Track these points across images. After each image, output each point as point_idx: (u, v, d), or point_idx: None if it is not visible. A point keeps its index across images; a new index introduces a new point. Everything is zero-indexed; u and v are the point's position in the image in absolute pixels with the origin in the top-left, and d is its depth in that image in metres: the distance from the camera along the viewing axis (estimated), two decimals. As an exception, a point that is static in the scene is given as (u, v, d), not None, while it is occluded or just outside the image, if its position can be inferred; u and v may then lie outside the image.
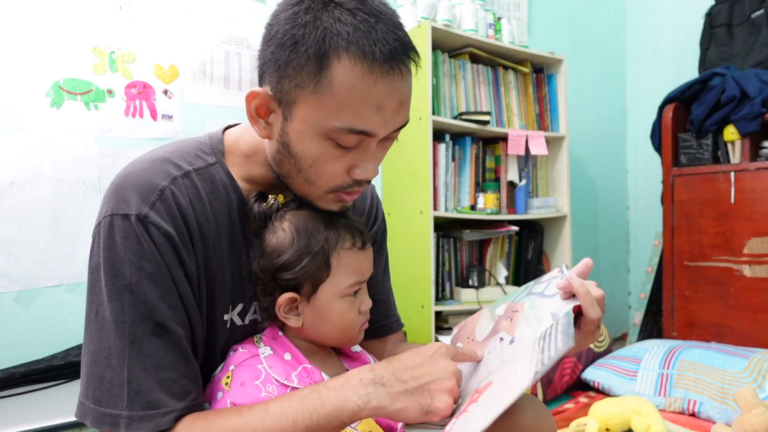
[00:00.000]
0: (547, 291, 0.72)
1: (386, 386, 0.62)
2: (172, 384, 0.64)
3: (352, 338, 0.78)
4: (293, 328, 0.76)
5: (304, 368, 0.72)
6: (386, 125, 0.65)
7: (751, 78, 2.01)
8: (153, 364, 0.63)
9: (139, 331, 0.63)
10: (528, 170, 2.34)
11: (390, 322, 0.94)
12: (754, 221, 1.98)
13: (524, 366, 0.59)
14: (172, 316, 0.65)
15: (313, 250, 0.71)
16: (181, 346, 0.66)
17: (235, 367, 0.71)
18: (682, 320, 2.19)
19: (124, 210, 0.65)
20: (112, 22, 1.69)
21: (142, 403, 0.62)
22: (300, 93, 0.63)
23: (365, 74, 0.61)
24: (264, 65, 0.67)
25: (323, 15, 0.61)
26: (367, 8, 0.62)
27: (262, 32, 0.67)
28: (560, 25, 2.79)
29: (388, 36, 0.61)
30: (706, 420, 1.59)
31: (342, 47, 0.60)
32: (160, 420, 0.62)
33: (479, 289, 2.11)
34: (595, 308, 0.66)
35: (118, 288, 0.63)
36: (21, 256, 1.55)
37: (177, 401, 0.64)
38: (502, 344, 0.70)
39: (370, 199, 0.92)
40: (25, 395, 1.38)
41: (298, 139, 0.65)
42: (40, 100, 1.58)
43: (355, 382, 0.63)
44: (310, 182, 0.69)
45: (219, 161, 0.73)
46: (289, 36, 0.62)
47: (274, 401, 0.64)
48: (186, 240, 0.67)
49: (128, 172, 0.68)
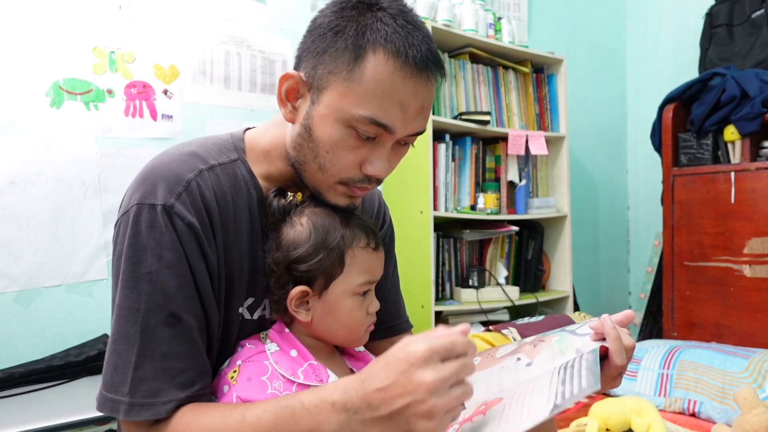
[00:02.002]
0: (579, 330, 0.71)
1: (358, 414, 0.57)
2: (177, 374, 0.64)
3: (359, 338, 0.79)
4: (300, 325, 0.77)
5: (310, 365, 0.73)
6: (405, 125, 0.68)
7: (751, 78, 2.01)
8: (162, 353, 0.64)
9: (153, 319, 0.64)
10: (528, 170, 2.34)
11: (400, 322, 0.95)
12: (754, 221, 1.98)
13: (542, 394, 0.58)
14: (187, 307, 0.66)
15: (329, 246, 0.73)
16: (192, 338, 0.66)
17: (242, 363, 0.72)
18: (682, 320, 2.19)
19: (151, 200, 0.66)
20: (112, 22, 1.69)
21: (144, 391, 0.63)
22: (332, 79, 0.67)
23: (396, 71, 0.65)
24: (303, 53, 0.71)
25: (367, 13, 0.67)
26: (408, 17, 0.68)
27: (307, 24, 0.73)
28: (560, 25, 2.79)
29: (422, 45, 0.67)
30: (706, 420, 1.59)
31: (380, 43, 0.65)
32: (160, 408, 0.63)
33: (479, 289, 2.11)
34: (622, 355, 0.65)
35: (137, 275, 0.65)
36: (21, 256, 1.55)
37: (179, 391, 0.64)
38: (518, 364, 0.69)
39: (378, 203, 0.95)
40: (25, 395, 1.38)
41: (320, 123, 0.68)
42: (40, 99, 1.58)
43: (328, 406, 0.59)
44: (324, 170, 0.71)
45: (241, 158, 0.76)
46: (332, 27, 0.67)
47: (254, 407, 0.63)
48: (209, 231, 0.69)
49: (156, 163, 0.70)
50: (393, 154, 0.72)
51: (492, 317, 2.13)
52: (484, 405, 0.62)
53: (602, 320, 0.67)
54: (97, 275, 1.66)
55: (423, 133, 0.73)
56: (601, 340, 0.67)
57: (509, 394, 0.63)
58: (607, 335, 0.66)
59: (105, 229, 1.67)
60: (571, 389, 0.55)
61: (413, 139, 0.73)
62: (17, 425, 1.18)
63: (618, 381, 0.68)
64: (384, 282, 0.90)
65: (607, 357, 0.66)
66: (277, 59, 2.00)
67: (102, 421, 1.26)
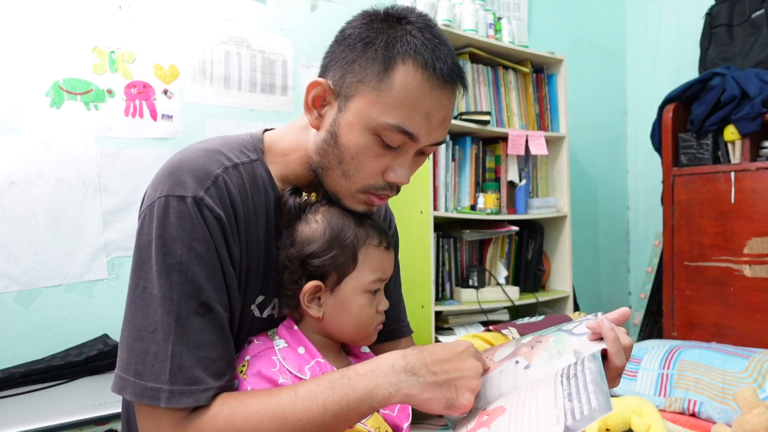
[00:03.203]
0: (576, 330, 0.71)
1: (417, 375, 0.64)
2: (210, 363, 0.65)
3: (368, 335, 0.80)
4: (310, 323, 0.78)
5: (317, 362, 0.74)
6: (429, 134, 0.71)
7: (751, 78, 2.01)
8: (195, 342, 0.65)
9: (185, 308, 0.65)
10: (528, 170, 2.34)
11: (401, 326, 0.97)
12: (754, 221, 1.98)
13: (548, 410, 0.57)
14: (216, 298, 0.67)
15: (343, 242, 0.75)
16: (222, 328, 0.68)
17: (251, 358, 0.73)
18: (682, 320, 2.19)
19: (180, 192, 0.67)
20: (112, 22, 1.69)
21: (183, 379, 0.63)
22: (361, 88, 0.69)
23: (423, 81, 0.68)
24: (330, 61, 0.74)
25: (396, 26, 0.70)
26: (434, 32, 0.71)
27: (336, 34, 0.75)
28: (560, 25, 2.79)
29: (448, 58, 0.70)
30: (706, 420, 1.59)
31: (409, 54, 0.68)
32: (200, 396, 0.64)
33: (479, 289, 2.11)
34: (621, 356, 0.66)
35: (169, 266, 0.65)
36: (21, 256, 1.55)
37: (215, 380, 0.65)
38: (516, 367, 0.70)
39: (385, 210, 0.98)
40: (25, 395, 1.38)
41: (347, 130, 0.71)
42: (40, 99, 1.58)
43: (387, 368, 0.65)
44: (348, 176, 0.73)
45: (260, 159, 0.78)
46: (362, 38, 0.70)
47: (304, 384, 0.66)
48: (233, 226, 0.70)
49: (183, 158, 0.71)
50: (412, 163, 0.75)
51: (492, 317, 2.13)
52: (487, 415, 0.62)
53: (600, 322, 0.67)
54: (97, 275, 1.66)
55: (443, 143, 0.75)
56: (599, 340, 0.67)
57: (511, 402, 0.62)
58: (605, 337, 0.66)
59: (105, 229, 1.67)
60: (581, 409, 0.54)
61: (432, 149, 0.76)
62: (17, 425, 1.17)
63: (617, 381, 0.68)
64: (387, 286, 0.91)
65: (606, 358, 0.66)
66: (277, 59, 2.00)
67: (102, 421, 1.26)
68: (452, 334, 2.01)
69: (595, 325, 0.68)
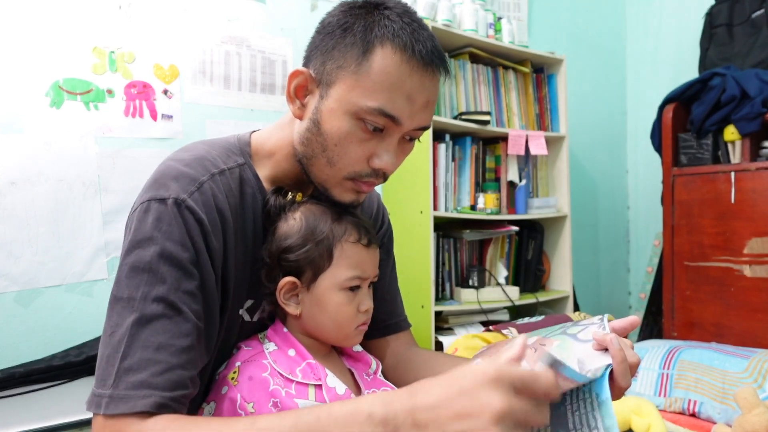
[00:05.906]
0: (581, 335, 0.69)
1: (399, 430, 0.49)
2: (165, 370, 0.59)
3: (348, 335, 0.78)
4: (293, 323, 0.78)
5: (308, 364, 0.74)
6: (412, 117, 0.70)
7: (752, 78, 2.01)
8: (155, 344, 0.60)
9: (149, 309, 0.61)
10: (528, 170, 2.34)
11: (398, 320, 0.95)
12: (754, 221, 1.98)
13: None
14: (187, 302, 0.63)
15: (317, 238, 0.74)
16: (189, 334, 0.62)
17: (242, 364, 0.73)
18: (682, 320, 2.19)
19: (161, 195, 0.66)
20: (112, 22, 1.69)
21: (127, 383, 0.58)
22: (341, 73, 0.68)
23: (403, 63, 0.67)
24: (311, 51, 0.73)
25: (374, 11, 0.70)
26: (413, 17, 0.71)
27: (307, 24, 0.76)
28: (560, 25, 2.79)
29: (428, 41, 0.69)
30: (706, 420, 1.59)
31: (387, 37, 0.67)
32: (137, 402, 0.57)
33: (479, 289, 2.11)
34: (627, 378, 0.63)
35: (138, 266, 0.63)
36: (21, 256, 1.55)
37: (163, 389, 0.58)
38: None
39: (377, 205, 0.97)
40: (25, 395, 1.38)
41: (329, 116, 0.70)
42: (40, 100, 1.58)
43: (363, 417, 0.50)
44: (332, 163, 0.72)
45: (247, 162, 0.77)
46: (340, 24, 0.70)
47: (265, 417, 0.56)
48: (218, 231, 0.69)
49: (168, 165, 0.70)
50: (399, 150, 0.74)
51: (492, 317, 2.13)
52: None
53: (609, 340, 0.64)
54: (97, 275, 1.66)
55: (428, 128, 0.74)
56: (603, 351, 0.65)
57: None
58: (613, 357, 0.63)
59: (105, 229, 1.67)
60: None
61: (418, 134, 0.74)
62: (17, 425, 1.17)
63: (620, 397, 0.66)
64: (382, 281, 0.90)
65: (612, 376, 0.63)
66: (277, 59, 2.00)
67: (102, 421, 1.26)
68: (452, 334, 2.01)
69: (602, 339, 0.65)
